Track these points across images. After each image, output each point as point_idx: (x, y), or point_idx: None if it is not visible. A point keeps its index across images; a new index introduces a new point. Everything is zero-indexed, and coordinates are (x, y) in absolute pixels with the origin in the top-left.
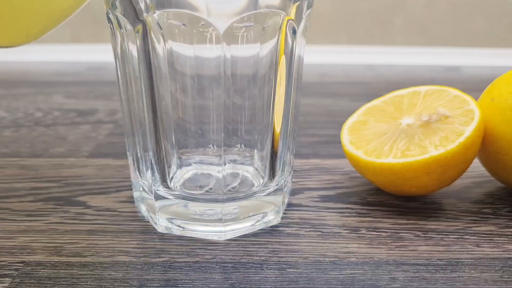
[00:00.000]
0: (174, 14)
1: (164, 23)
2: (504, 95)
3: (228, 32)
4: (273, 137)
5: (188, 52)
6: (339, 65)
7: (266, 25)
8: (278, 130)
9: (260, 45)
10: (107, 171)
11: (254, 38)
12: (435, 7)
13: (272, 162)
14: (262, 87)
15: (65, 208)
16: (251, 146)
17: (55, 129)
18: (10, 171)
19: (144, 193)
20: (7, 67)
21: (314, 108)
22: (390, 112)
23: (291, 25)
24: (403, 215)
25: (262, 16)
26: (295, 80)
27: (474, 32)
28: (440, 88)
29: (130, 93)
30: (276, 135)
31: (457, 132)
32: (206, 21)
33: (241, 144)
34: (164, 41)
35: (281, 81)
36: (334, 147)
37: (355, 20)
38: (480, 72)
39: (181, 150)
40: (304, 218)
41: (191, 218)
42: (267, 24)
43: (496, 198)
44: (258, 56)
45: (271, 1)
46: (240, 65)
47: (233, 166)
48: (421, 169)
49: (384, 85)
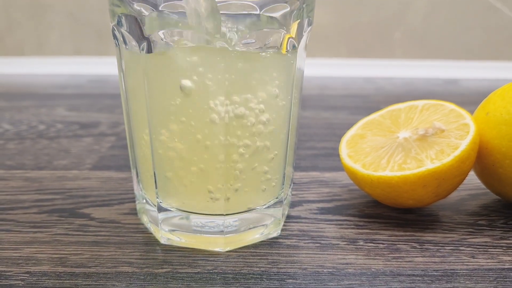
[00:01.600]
0: (178, 32)
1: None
2: (499, 109)
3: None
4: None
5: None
6: (338, 78)
7: (267, 42)
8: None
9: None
10: (110, 183)
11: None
12: (433, 21)
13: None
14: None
15: (69, 220)
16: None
17: (58, 141)
18: (14, 183)
19: (147, 205)
20: (10, 79)
21: (313, 121)
22: (388, 126)
23: (291, 43)
24: (400, 227)
25: (263, 34)
26: (295, 93)
27: (472, 46)
28: (437, 102)
29: (133, 106)
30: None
31: (453, 146)
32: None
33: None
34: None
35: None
36: (333, 160)
37: (354, 33)
38: (478, 85)
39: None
40: (303, 230)
41: (193, 230)
42: (268, 42)
43: (491, 210)
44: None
45: (272, 20)
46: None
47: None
48: (418, 182)
49: (383, 98)
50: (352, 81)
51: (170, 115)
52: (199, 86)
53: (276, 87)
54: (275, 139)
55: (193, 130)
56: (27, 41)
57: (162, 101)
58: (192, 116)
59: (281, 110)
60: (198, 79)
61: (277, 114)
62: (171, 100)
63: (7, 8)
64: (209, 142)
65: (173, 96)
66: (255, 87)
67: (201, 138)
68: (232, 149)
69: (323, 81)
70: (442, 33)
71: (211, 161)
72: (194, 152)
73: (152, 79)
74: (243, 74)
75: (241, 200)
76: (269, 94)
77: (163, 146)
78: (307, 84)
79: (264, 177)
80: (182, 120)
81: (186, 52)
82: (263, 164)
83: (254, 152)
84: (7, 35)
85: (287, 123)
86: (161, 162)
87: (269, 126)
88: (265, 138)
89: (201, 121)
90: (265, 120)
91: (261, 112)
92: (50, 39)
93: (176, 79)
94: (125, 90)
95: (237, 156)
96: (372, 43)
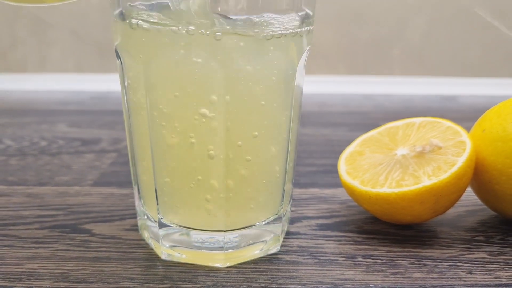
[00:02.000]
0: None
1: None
2: (495, 126)
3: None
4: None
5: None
6: (337, 95)
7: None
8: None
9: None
10: (111, 199)
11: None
12: (432, 38)
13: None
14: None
15: (70, 236)
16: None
17: (60, 157)
18: (16, 199)
19: (148, 221)
20: (12, 96)
21: (312, 138)
22: (385, 143)
23: (291, 61)
24: (398, 243)
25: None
26: (295, 110)
27: (470, 63)
28: (434, 119)
29: (135, 123)
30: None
31: (450, 163)
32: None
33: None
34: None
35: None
36: (332, 177)
37: (353, 50)
38: (476, 101)
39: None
40: (303, 246)
41: (193, 245)
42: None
43: (488, 226)
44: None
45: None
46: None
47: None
48: (415, 198)
49: (382, 115)
50: (351, 98)
51: (172, 130)
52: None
53: (275, 103)
54: (275, 155)
55: (194, 144)
56: (29, 57)
57: (164, 116)
58: (193, 130)
59: (281, 127)
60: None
61: (277, 131)
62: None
63: (10, 25)
64: (210, 153)
65: (174, 111)
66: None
67: (201, 151)
68: (233, 163)
69: (322, 98)
70: (440, 51)
71: (211, 174)
72: (195, 165)
73: (153, 95)
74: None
75: (239, 215)
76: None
77: (164, 160)
78: (307, 101)
79: (262, 192)
80: (183, 135)
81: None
82: (262, 178)
83: (254, 166)
84: (10, 51)
85: (287, 139)
86: (162, 177)
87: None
88: (264, 154)
89: (201, 135)
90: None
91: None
92: (52, 56)
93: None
94: (127, 107)
95: (238, 170)
96: (370, 60)
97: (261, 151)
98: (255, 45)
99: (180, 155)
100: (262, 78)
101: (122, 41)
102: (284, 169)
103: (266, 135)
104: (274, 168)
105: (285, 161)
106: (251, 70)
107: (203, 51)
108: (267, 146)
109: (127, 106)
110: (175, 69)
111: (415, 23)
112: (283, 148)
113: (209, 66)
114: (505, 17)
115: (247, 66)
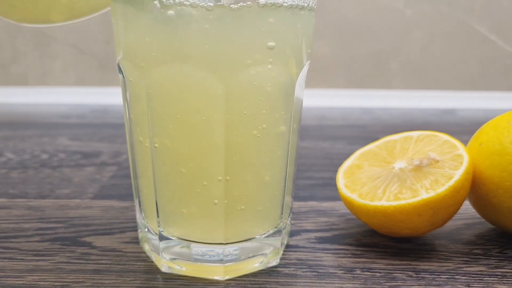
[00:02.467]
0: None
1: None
2: (491, 140)
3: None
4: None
5: (192, 104)
6: (337, 108)
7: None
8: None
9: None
10: (111, 212)
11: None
12: (430, 52)
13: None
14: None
15: (71, 248)
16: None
17: (61, 170)
18: (17, 211)
19: (149, 234)
20: (14, 109)
21: (311, 151)
22: (383, 157)
23: (290, 76)
24: (396, 256)
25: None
26: (294, 123)
27: (468, 76)
28: (431, 133)
29: (136, 136)
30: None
31: (447, 176)
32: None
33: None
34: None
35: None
36: (330, 190)
37: (352, 64)
38: (474, 114)
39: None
40: (301, 259)
41: (194, 258)
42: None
43: (486, 239)
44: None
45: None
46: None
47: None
48: (413, 211)
49: (381, 128)
50: (350, 111)
51: (173, 144)
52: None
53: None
54: (274, 169)
55: (196, 158)
56: (31, 71)
57: (165, 130)
58: (194, 144)
59: (281, 140)
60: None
61: (277, 144)
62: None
63: (12, 39)
64: (210, 167)
65: (175, 125)
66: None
67: (202, 165)
68: (233, 176)
69: (321, 112)
70: (439, 64)
71: (211, 188)
72: (196, 179)
73: (155, 109)
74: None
75: (239, 228)
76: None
77: (165, 174)
78: (306, 115)
79: (261, 205)
80: (185, 149)
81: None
82: (262, 192)
83: (254, 180)
84: (12, 65)
85: (287, 153)
86: (163, 190)
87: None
88: (264, 168)
89: (202, 150)
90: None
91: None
92: (54, 70)
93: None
94: (129, 120)
95: (238, 183)
96: (369, 74)
97: (261, 164)
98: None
99: (181, 170)
100: (262, 91)
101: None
102: (284, 182)
103: (266, 149)
104: (274, 181)
105: (285, 174)
106: (251, 84)
107: (202, 63)
108: (267, 159)
109: (129, 121)
110: (175, 80)
111: (413, 37)
112: (283, 161)
113: (209, 80)
114: (502, 32)
115: (248, 80)
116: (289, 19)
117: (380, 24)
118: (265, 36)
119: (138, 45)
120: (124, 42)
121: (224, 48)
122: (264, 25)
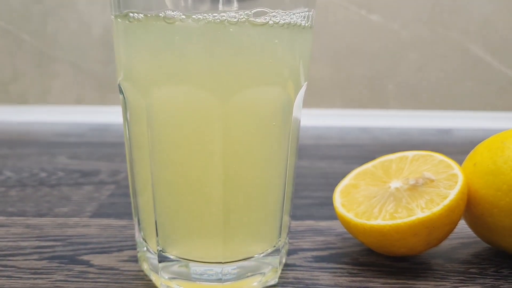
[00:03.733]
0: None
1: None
2: (485, 160)
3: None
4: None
5: (191, 124)
6: (334, 128)
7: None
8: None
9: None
10: (109, 230)
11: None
12: (426, 73)
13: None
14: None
15: (69, 267)
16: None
17: (59, 189)
18: (16, 229)
19: (148, 253)
20: (13, 127)
21: (309, 170)
22: (379, 176)
23: (288, 97)
24: (393, 275)
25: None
26: (292, 143)
27: (464, 97)
28: (426, 153)
29: (136, 155)
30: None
31: (442, 195)
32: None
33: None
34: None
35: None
36: (327, 209)
37: (349, 85)
38: (470, 134)
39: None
40: (298, 278)
41: (192, 277)
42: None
43: (482, 259)
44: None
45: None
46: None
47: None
48: (408, 230)
49: (378, 148)
50: (347, 131)
51: (172, 164)
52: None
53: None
54: (273, 189)
55: (195, 178)
56: (31, 90)
57: (165, 150)
58: (194, 164)
59: (279, 159)
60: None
61: (275, 164)
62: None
63: (12, 58)
64: (209, 188)
65: (174, 146)
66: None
67: (202, 185)
68: (231, 196)
69: (319, 131)
70: (435, 85)
71: (210, 207)
72: (194, 199)
73: (155, 129)
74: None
75: (238, 247)
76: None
77: (165, 194)
78: (304, 134)
79: (260, 225)
80: (184, 168)
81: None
82: (260, 211)
83: (252, 199)
84: (12, 84)
85: (284, 172)
86: (163, 209)
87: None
88: (263, 188)
89: (202, 170)
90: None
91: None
92: (53, 88)
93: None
94: (129, 139)
95: (237, 203)
96: (366, 94)
97: (259, 184)
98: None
99: (180, 189)
100: (260, 111)
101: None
102: (282, 202)
103: (264, 168)
104: (272, 200)
105: (283, 194)
106: (250, 103)
107: (201, 84)
108: (265, 179)
109: (129, 140)
110: (174, 101)
111: (409, 58)
112: (281, 181)
113: (207, 100)
114: (498, 53)
115: (246, 100)
116: (288, 38)
117: (376, 46)
118: (264, 56)
119: (138, 67)
120: (125, 63)
121: (222, 68)
122: (263, 45)
